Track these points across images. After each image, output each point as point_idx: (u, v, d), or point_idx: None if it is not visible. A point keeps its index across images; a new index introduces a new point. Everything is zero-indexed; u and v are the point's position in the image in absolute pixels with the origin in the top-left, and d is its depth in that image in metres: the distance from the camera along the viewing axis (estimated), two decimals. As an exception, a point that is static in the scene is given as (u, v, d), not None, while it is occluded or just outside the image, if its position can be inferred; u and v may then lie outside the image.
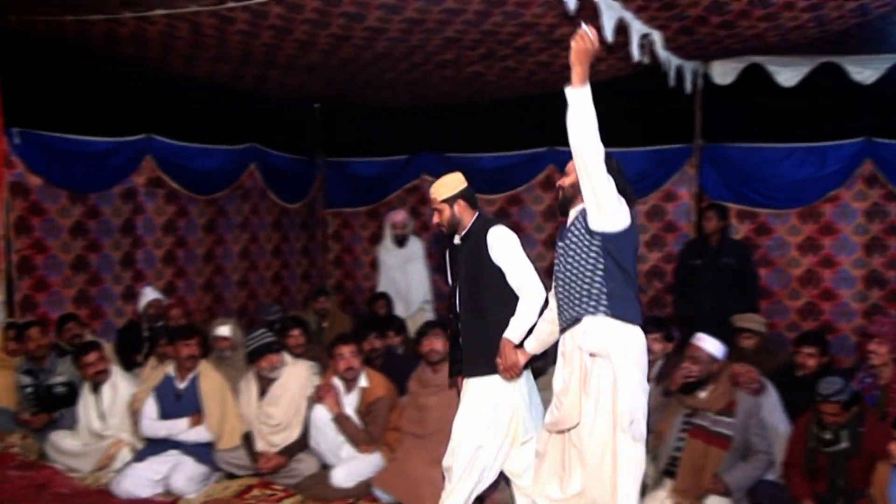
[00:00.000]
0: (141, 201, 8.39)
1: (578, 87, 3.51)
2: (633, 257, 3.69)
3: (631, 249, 3.69)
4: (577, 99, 3.50)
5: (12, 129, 7.12)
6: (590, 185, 3.54)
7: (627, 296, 3.64)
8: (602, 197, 3.54)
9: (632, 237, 3.69)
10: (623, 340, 3.60)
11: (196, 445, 5.38)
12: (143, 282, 8.28)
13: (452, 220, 4.30)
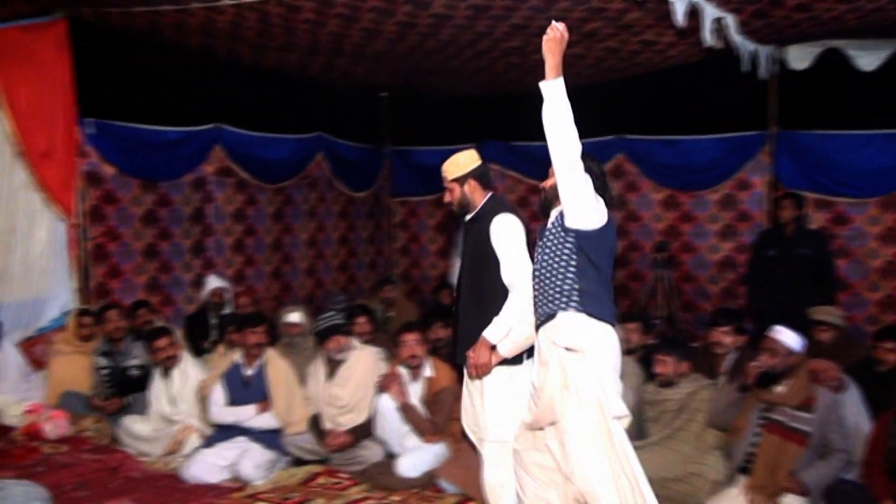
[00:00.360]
0: (210, 190, 8.49)
1: (552, 79, 3.48)
2: (608, 257, 3.67)
3: (606, 249, 3.66)
4: (551, 92, 3.48)
5: (86, 120, 7.25)
6: (565, 181, 3.52)
7: (599, 294, 3.61)
8: (577, 193, 3.52)
9: (607, 237, 3.67)
10: (596, 337, 3.58)
11: (263, 432, 5.42)
12: (212, 269, 8.38)
13: (462, 200, 4.23)
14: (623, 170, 9.20)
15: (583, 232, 3.58)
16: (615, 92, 8.62)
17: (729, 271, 8.59)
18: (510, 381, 4.06)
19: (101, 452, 5.54)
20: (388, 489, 5.01)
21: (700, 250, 8.81)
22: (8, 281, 6.99)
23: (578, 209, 3.56)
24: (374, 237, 10.74)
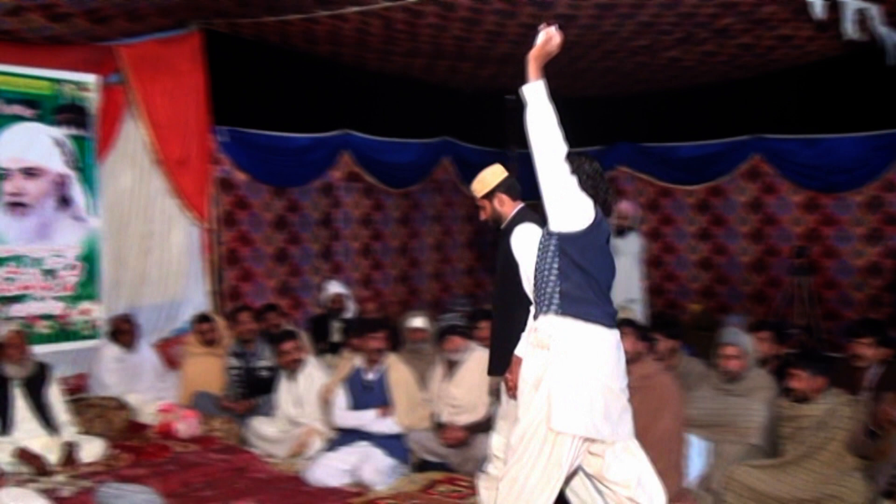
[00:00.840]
0: (339, 195, 8.63)
1: (533, 82, 3.46)
2: (597, 258, 3.55)
3: (594, 249, 3.54)
4: (532, 94, 3.45)
5: (219, 128, 7.49)
6: (547, 183, 3.46)
7: (584, 296, 3.50)
8: (559, 195, 3.47)
9: (594, 237, 3.54)
10: (565, 335, 3.47)
11: (385, 438, 5.42)
12: (341, 274, 8.51)
13: (494, 215, 4.17)
14: (760, 171, 8.83)
15: (565, 234, 3.49)
16: (750, 90, 8.29)
17: (875, 278, 8.10)
18: None
19: (228, 453, 5.65)
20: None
21: (843, 255, 8.35)
22: (146, 284, 7.29)
23: (559, 211, 3.49)
24: (500, 241, 10.66)
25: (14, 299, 6.52)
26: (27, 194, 6.56)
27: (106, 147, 7.01)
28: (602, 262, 3.57)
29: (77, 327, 6.89)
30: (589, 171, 3.60)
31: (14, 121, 6.49)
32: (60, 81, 6.72)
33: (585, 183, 3.54)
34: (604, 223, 3.60)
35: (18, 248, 6.53)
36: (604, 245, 3.61)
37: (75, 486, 5.08)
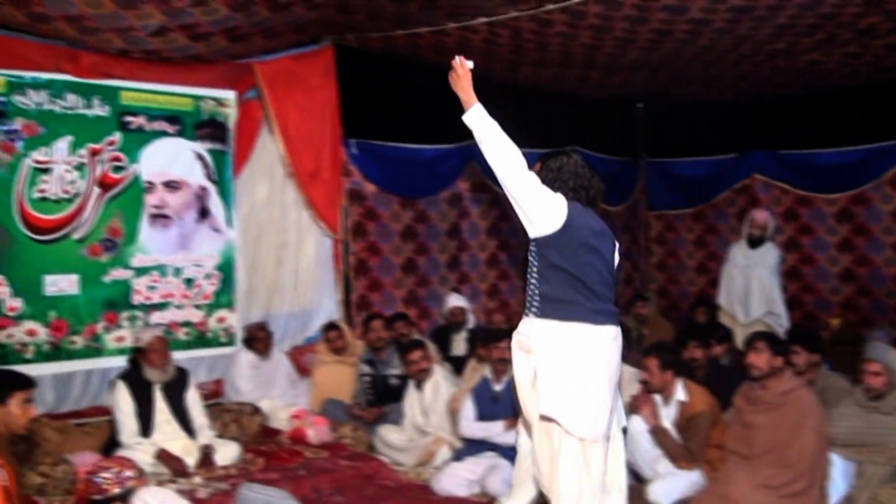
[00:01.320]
0: (466, 206, 8.65)
1: (469, 108, 3.72)
2: (578, 256, 3.62)
3: (572, 248, 3.61)
4: (474, 120, 3.70)
5: (350, 141, 7.64)
6: (511, 194, 3.63)
7: (563, 297, 3.61)
8: (523, 204, 3.60)
9: (572, 236, 3.61)
10: (546, 336, 3.61)
11: (512, 449, 5.36)
12: (467, 284, 8.53)
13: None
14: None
15: (540, 238, 3.62)
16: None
17: None
18: None
19: (357, 460, 5.73)
20: (636, 516, 4.79)
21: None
22: (279, 293, 7.50)
23: (529, 218, 3.62)
24: (629, 252, 10.46)
25: (156, 307, 6.82)
26: (169, 207, 6.85)
27: (242, 160, 7.26)
28: (585, 259, 3.62)
29: (214, 335, 7.14)
30: (567, 168, 3.77)
31: (157, 136, 6.80)
32: (200, 98, 7.00)
33: (564, 183, 3.72)
34: (584, 219, 3.65)
35: (161, 259, 6.83)
36: (587, 241, 3.64)
37: (212, 487, 5.26)
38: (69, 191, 6.35)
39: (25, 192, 6.16)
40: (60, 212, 6.33)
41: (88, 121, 6.45)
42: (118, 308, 6.63)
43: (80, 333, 6.44)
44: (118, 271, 6.61)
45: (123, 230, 6.63)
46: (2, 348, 6.09)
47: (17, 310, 6.15)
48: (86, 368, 6.53)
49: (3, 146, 6.07)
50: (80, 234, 6.42)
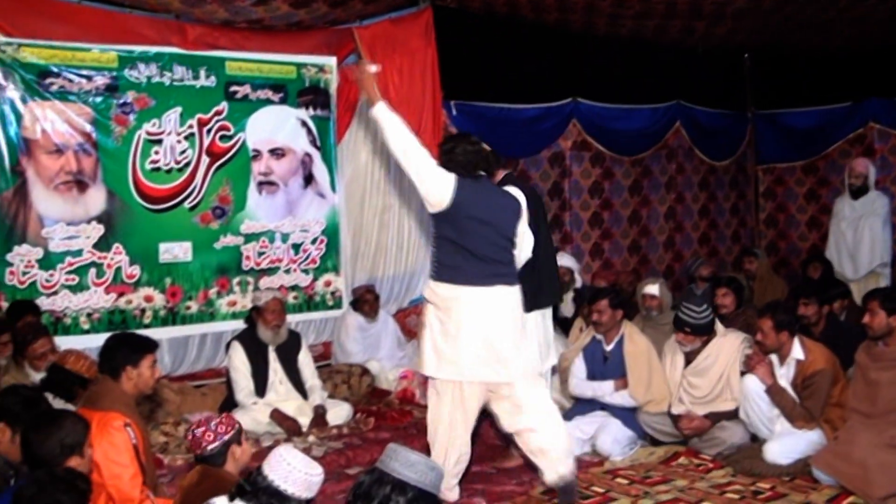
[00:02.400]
0: (568, 165, 8.55)
1: (375, 105, 4.09)
2: (466, 228, 4.07)
3: (461, 222, 4.07)
4: (380, 114, 4.07)
5: (450, 102, 7.61)
6: (411, 179, 4.09)
7: (453, 263, 4.11)
8: (419, 186, 4.07)
9: (459, 212, 4.05)
10: (430, 296, 4.22)
11: (622, 409, 5.32)
12: (570, 244, 8.45)
13: None
14: None
15: (435, 213, 4.11)
16: None
17: None
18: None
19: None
20: (754, 475, 4.68)
21: None
22: (384, 256, 7.58)
23: (425, 197, 4.09)
24: (736, 207, 10.19)
25: (265, 272, 6.98)
26: (275, 174, 6.98)
27: (344, 126, 7.32)
28: (473, 230, 4.08)
29: (321, 298, 7.28)
30: (458, 149, 4.17)
31: (262, 105, 6.91)
32: (303, 65, 7.08)
33: (457, 162, 4.12)
34: (474, 195, 4.09)
35: (269, 225, 6.98)
36: (475, 215, 4.08)
37: (326, 447, 5.38)
38: (180, 161, 6.53)
39: (139, 164, 6.37)
40: (172, 181, 6.52)
41: (196, 92, 6.60)
42: (229, 273, 6.82)
43: (194, 299, 6.66)
44: (228, 238, 6.79)
45: (232, 198, 6.80)
46: (121, 314, 6.34)
47: (135, 277, 6.39)
48: (200, 332, 6.77)
49: (117, 119, 6.28)
50: (192, 202, 6.60)
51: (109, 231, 6.27)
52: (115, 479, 3.49)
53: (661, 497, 4.43)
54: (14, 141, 5.92)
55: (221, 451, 3.27)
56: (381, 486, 2.44)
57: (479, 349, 4.07)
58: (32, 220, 6.00)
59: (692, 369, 5.25)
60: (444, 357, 4.11)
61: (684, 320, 5.16)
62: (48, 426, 3.06)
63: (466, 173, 4.12)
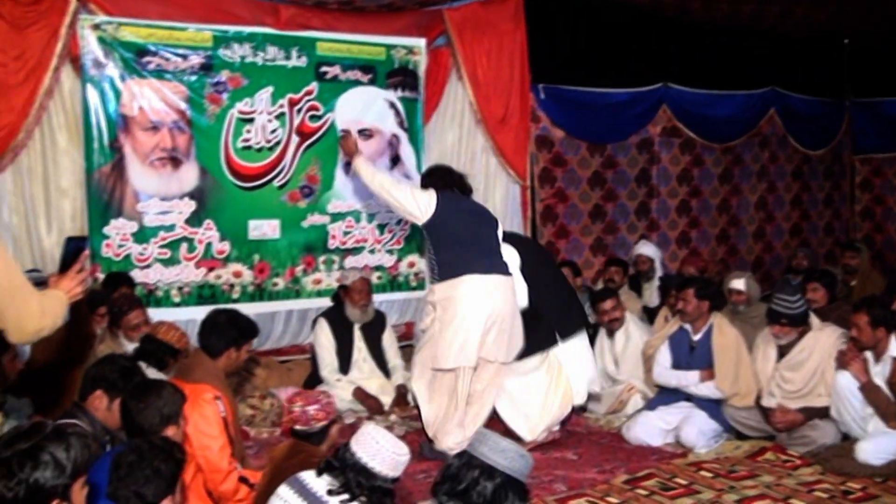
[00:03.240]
0: (656, 151, 8.42)
1: (356, 161, 5.02)
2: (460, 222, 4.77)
3: (454, 218, 4.76)
4: (359, 165, 4.97)
5: (538, 86, 7.55)
6: (395, 207, 4.90)
7: (451, 257, 4.72)
8: (401, 211, 4.86)
9: (447, 215, 4.73)
10: (431, 298, 4.88)
11: (708, 400, 5.22)
12: (657, 232, 8.33)
13: None
14: None
15: (425, 223, 4.76)
16: None
17: None
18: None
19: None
20: (845, 474, 4.55)
21: None
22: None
23: (412, 215, 4.79)
24: (831, 198, 9.89)
25: (350, 251, 7.05)
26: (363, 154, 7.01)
27: (432, 108, 7.33)
28: (462, 227, 4.74)
29: (404, 279, 7.32)
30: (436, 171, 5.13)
31: (351, 85, 6.95)
32: (392, 47, 7.09)
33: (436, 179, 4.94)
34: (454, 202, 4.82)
35: (355, 205, 7.03)
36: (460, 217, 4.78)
37: (407, 426, 5.43)
38: (270, 140, 6.62)
39: (231, 142, 6.48)
40: (262, 160, 6.62)
41: (287, 72, 6.68)
42: (315, 252, 6.90)
43: (281, 275, 6.76)
44: (315, 217, 6.87)
45: (320, 177, 6.87)
46: (210, 288, 6.48)
47: (225, 253, 6.52)
48: (286, 309, 6.87)
49: (211, 98, 6.40)
50: (281, 181, 6.70)
51: (201, 207, 6.40)
52: (205, 449, 3.58)
53: (747, 492, 4.34)
54: (113, 118, 6.08)
55: (323, 431, 3.34)
56: (469, 470, 2.44)
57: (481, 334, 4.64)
58: (128, 195, 6.17)
59: (786, 363, 5.11)
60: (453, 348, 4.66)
61: (779, 311, 5.03)
62: (148, 395, 3.15)
63: (445, 187, 4.84)
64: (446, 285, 4.71)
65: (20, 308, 2.53)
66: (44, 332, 2.60)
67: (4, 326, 2.54)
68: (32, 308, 2.55)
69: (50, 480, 1.98)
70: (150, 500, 2.56)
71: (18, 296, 2.54)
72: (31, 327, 2.56)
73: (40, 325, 2.57)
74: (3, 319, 2.52)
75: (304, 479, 2.79)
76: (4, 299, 2.50)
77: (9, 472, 1.95)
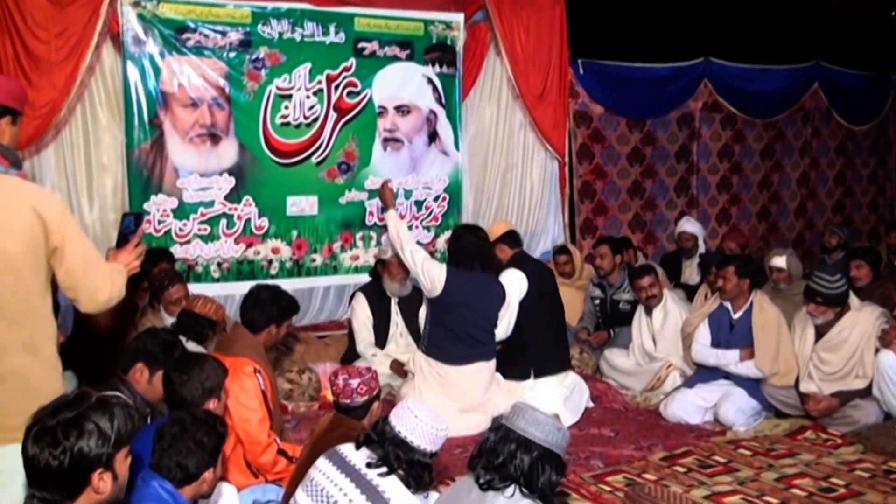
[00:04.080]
0: (697, 126, 8.32)
1: (388, 212, 5.24)
2: (452, 316, 4.89)
3: (450, 307, 4.88)
4: (389, 218, 5.19)
5: (576, 61, 7.48)
6: (412, 269, 5.06)
7: (442, 344, 4.93)
8: (419, 277, 4.99)
9: (449, 299, 4.87)
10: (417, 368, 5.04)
11: (747, 379, 5.17)
12: (696, 209, 8.25)
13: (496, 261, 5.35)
14: None
15: (430, 298, 4.98)
16: None
17: None
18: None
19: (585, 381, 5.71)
20: (887, 453, 4.50)
21: None
22: (504, 215, 7.55)
23: (422, 285, 5.02)
24: (875, 175, 9.71)
25: (387, 228, 7.03)
26: (400, 130, 7.02)
27: (469, 84, 7.29)
28: (459, 314, 4.87)
29: (442, 255, 7.30)
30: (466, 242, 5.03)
31: (389, 61, 6.93)
32: (430, 22, 7.04)
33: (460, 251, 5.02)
34: (461, 284, 4.87)
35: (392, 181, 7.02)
36: (462, 301, 4.86)
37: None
38: (308, 116, 6.64)
39: (269, 118, 6.50)
40: (300, 136, 6.64)
41: (325, 48, 6.67)
42: (353, 228, 6.92)
43: (319, 252, 6.80)
44: (353, 193, 6.88)
45: (358, 154, 6.87)
46: (249, 264, 6.54)
47: (263, 228, 6.57)
48: (324, 285, 6.92)
49: (249, 74, 6.42)
50: (319, 157, 6.71)
51: (240, 183, 6.44)
52: (245, 422, 3.62)
53: (786, 471, 4.31)
54: (153, 94, 6.13)
55: (366, 406, 3.36)
56: (506, 443, 2.44)
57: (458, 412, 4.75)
58: (168, 171, 6.23)
59: (824, 344, 5.04)
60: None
61: (816, 290, 4.96)
62: (191, 368, 3.19)
63: (464, 262, 4.95)
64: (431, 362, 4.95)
65: (95, 279, 2.60)
66: (112, 302, 2.67)
67: (76, 297, 2.61)
68: (105, 279, 2.63)
69: (94, 449, 2.01)
70: (192, 472, 2.60)
71: (92, 267, 2.61)
72: (102, 297, 2.62)
73: (110, 295, 2.64)
74: (76, 289, 2.60)
75: (343, 452, 2.82)
76: (80, 271, 2.58)
77: (54, 441, 1.98)
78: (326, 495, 2.73)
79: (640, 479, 4.22)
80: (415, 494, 2.75)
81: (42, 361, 2.60)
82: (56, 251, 2.55)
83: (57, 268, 2.58)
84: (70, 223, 2.60)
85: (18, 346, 2.53)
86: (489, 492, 2.44)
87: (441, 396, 4.82)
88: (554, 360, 5.25)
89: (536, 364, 5.16)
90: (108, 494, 2.07)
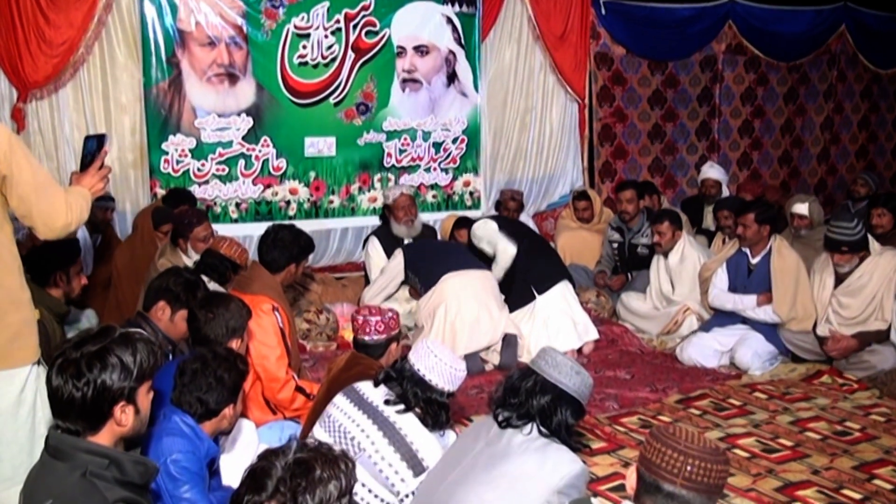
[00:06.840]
0: (720, 69, 8.20)
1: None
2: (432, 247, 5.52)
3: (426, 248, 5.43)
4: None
5: (599, 1, 7.35)
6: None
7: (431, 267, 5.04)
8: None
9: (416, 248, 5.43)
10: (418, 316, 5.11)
11: (764, 323, 5.16)
12: (717, 153, 8.16)
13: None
14: None
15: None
16: None
17: None
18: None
19: (601, 324, 5.71)
20: (902, 399, 4.50)
21: None
22: (523, 158, 7.52)
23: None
24: (901, 120, 9.57)
25: (406, 169, 7.04)
26: (419, 71, 6.96)
27: (489, 24, 7.19)
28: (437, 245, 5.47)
29: (459, 198, 7.30)
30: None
31: (408, 0, 6.84)
32: (450, -41, 6.95)
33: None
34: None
35: (411, 123, 6.99)
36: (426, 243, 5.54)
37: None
38: (326, 56, 6.59)
39: (287, 58, 6.46)
40: (318, 76, 6.60)
41: (343, -14, 6.60)
42: (371, 170, 6.91)
43: (337, 193, 6.80)
44: (371, 134, 6.86)
45: (376, 94, 6.83)
46: (267, 205, 6.55)
47: (281, 170, 6.57)
48: (342, 226, 6.95)
49: (267, 13, 6.36)
50: (337, 97, 6.68)
51: (258, 124, 6.43)
52: (263, 359, 3.65)
53: (801, 415, 4.31)
54: (170, 32, 6.09)
55: (383, 345, 3.37)
56: (525, 382, 2.46)
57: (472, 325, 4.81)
58: (186, 111, 6.22)
59: (843, 289, 5.01)
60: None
61: (839, 240, 4.90)
62: (216, 307, 3.21)
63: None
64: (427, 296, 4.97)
65: (48, 204, 2.57)
66: (71, 227, 2.64)
67: (32, 223, 2.59)
68: (59, 204, 2.59)
69: (117, 382, 2.03)
70: (212, 407, 2.63)
71: (45, 193, 2.57)
72: (58, 223, 2.60)
73: (67, 219, 2.60)
74: (31, 216, 2.57)
75: (361, 389, 2.84)
76: (31, 197, 2.55)
77: (77, 373, 2.00)
78: (344, 431, 2.76)
79: (655, 420, 4.24)
80: (431, 433, 2.78)
81: (3, 291, 2.58)
82: (5, 179, 2.51)
83: (9, 196, 2.54)
84: (18, 150, 2.54)
85: None
86: (507, 429, 2.46)
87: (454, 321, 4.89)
88: (549, 271, 5.41)
89: (534, 282, 5.29)
90: (130, 427, 2.10)
